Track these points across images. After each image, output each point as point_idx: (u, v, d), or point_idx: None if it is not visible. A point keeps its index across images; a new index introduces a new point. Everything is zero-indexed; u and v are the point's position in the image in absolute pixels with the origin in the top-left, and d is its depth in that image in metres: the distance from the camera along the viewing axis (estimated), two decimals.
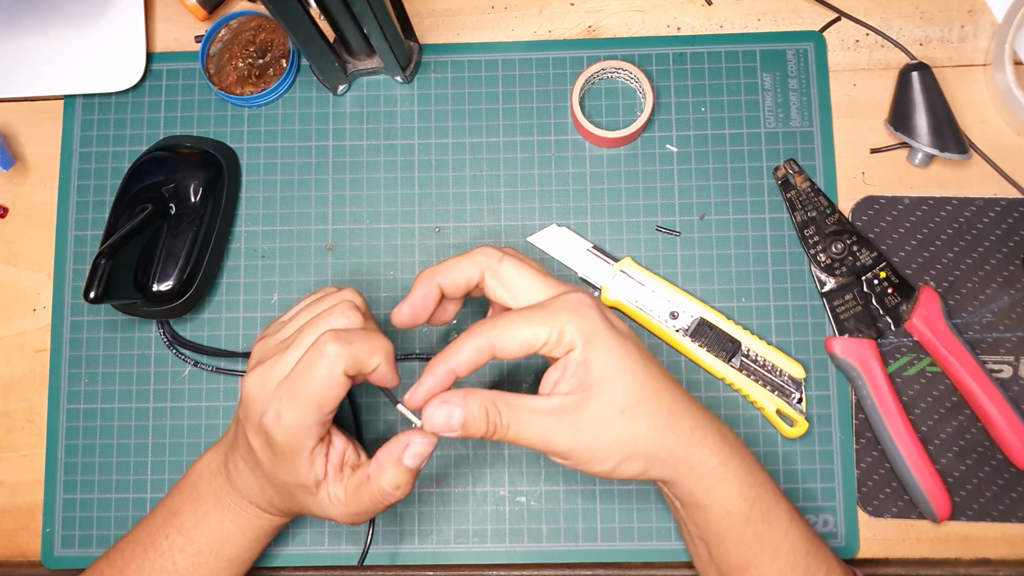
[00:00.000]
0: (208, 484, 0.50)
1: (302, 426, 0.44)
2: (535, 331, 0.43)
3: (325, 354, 0.43)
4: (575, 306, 0.44)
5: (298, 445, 0.44)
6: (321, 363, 0.43)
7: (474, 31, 0.62)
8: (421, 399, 0.44)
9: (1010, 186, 0.59)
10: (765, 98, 0.60)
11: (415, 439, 0.45)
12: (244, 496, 0.49)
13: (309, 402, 0.43)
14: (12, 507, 0.59)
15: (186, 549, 0.49)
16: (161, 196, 0.57)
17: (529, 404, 0.44)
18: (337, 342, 0.43)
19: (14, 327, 0.61)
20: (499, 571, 0.58)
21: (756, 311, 0.58)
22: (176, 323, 0.60)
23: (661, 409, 0.45)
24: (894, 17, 0.61)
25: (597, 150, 0.60)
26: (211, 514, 0.50)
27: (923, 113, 0.57)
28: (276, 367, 0.45)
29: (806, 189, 0.58)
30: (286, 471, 0.46)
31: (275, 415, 0.44)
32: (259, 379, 0.45)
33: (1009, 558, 0.56)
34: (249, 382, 0.45)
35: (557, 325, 0.43)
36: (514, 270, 0.46)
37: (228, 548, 0.50)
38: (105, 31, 0.62)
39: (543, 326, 0.43)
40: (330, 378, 0.43)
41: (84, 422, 0.59)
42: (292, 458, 0.45)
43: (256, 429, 0.45)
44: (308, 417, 0.44)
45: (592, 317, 0.44)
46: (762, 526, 0.47)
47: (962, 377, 0.55)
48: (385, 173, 0.61)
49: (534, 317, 0.43)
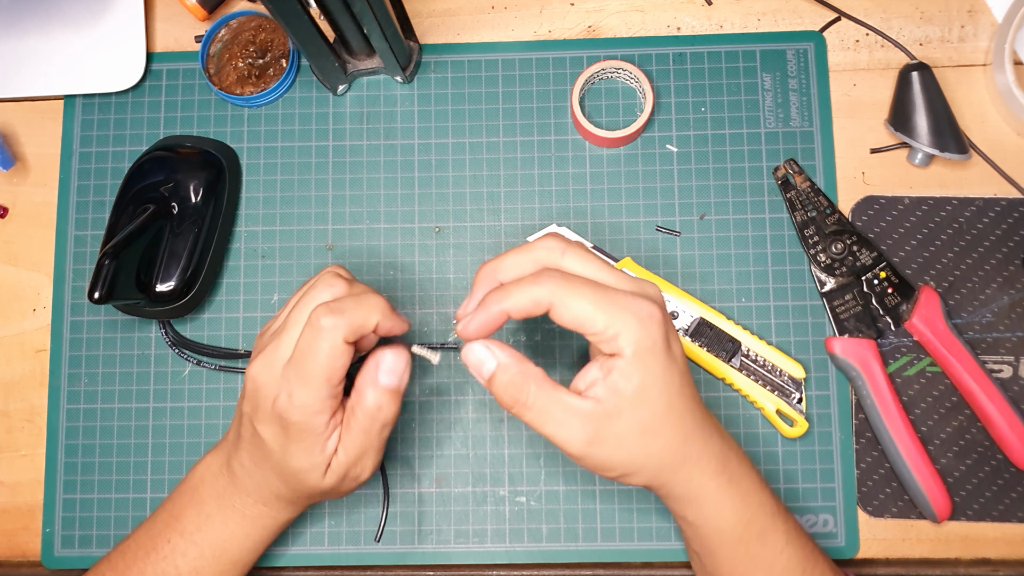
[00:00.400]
0: (210, 487, 0.50)
1: (316, 402, 0.44)
2: (594, 316, 0.42)
3: (321, 328, 0.44)
4: (644, 316, 0.42)
5: (313, 422, 0.45)
6: (320, 337, 0.44)
7: (474, 31, 0.62)
8: (473, 333, 0.44)
9: (1010, 186, 0.59)
10: (765, 98, 0.60)
11: (386, 354, 0.45)
12: (249, 494, 0.49)
13: (317, 377, 0.44)
14: (12, 507, 0.59)
15: (188, 553, 0.49)
16: (162, 196, 0.57)
17: (563, 400, 0.43)
18: (329, 313, 0.44)
19: (14, 327, 0.61)
20: (499, 571, 0.58)
21: (756, 311, 0.58)
22: (176, 323, 0.60)
23: (678, 433, 0.44)
24: (894, 17, 0.61)
25: (597, 150, 0.60)
26: (214, 516, 0.50)
27: (923, 113, 0.57)
28: (277, 352, 0.45)
29: (806, 189, 0.58)
30: (300, 454, 0.46)
31: (287, 396, 0.44)
32: (264, 366, 0.45)
33: (1009, 558, 0.56)
34: (253, 371, 0.46)
35: (616, 324, 0.42)
36: (577, 261, 0.44)
37: (231, 550, 0.50)
38: (105, 31, 0.62)
39: (603, 315, 0.42)
40: (332, 349, 0.44)
41: (84, 422, 0.59)
42: (307, 438, 0.45)
43: (268, 416, 0.46)
44: (320, 391, 0.44)
45: (654, 334, 0.42)
46: (756, 546, 0.47)
47: (962, 377, 0.55)
48: (385, 173, 0.61)
49: (600, 302, 0.42)
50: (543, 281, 0.42)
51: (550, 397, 0.43)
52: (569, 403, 0.43)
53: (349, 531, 0.57)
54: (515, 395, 0.43)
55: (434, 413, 0.58)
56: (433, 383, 0.59)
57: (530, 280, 0.43)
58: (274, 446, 0.46)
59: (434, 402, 0.58)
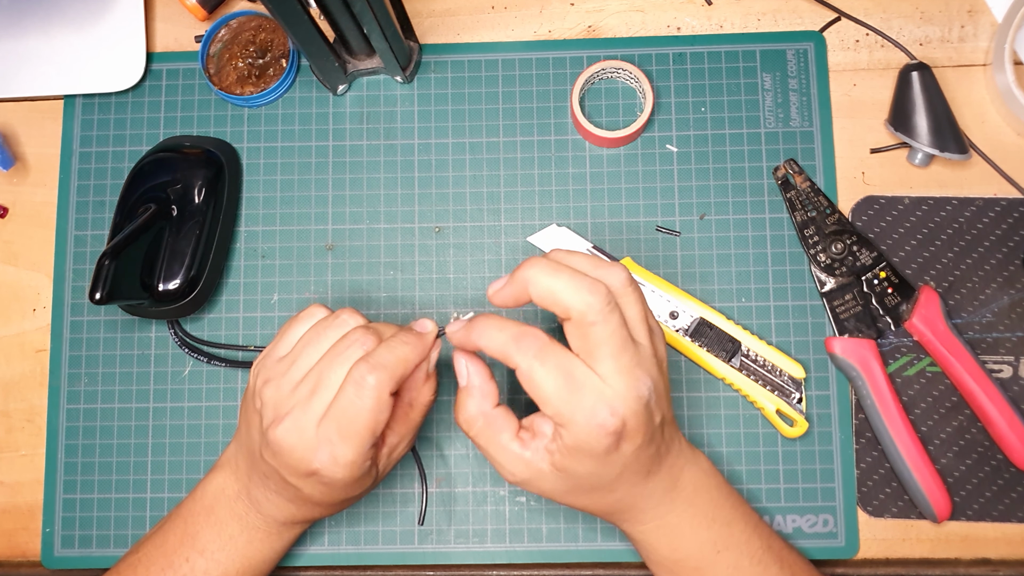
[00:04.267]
0: (229, 510, 0.50)
1: (361, 456, 0.44)
2: (554, 411, 0.43)
3: (367, 386, 0.43)
4: (594, 425, 0.42)
5: (359, 472, 0.45)
6: (368, 395, 0.43)
7: (474, 31, 0.62)
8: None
9: (1010, 186, 0.59)
10: (765, 98, 0.60)
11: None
12: (277, 519, 0.50)
13: (363, 434, 0.44)
14: (12, 507, 0.59)
15: (211, 571, 0.49)
16: (165, 196, 0.57)
17: (504, 446, 0.45)
18: (375, 371, 0.43)
19: (14, 327, 0.61)
20: (499, 571, 0.58)
21: (756, 311, 0.58)
22: None
23: (606, 498, 0.47)
24: (894, 17, 0.61)
25: (597, 150, 0.60)
26: (237, 537, 0.50)
27: (923, 113, 0.57)
28: (308, 412, 0.44)
29: (806, 189, 0.58)
30: (349, 490, 0.47)
31: (330, 457, 0.44)
32: (293, 428, 0.44)
33: (1009, 558, 0.56)
34: (281, 434, 0.44)
35: (564, 415, 0.42)
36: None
37: (255, 564, 0.51)
38: (105, 31, 0.62)
39: (561, 409, 0.43)
40: (379, 404, 0.43)
41: (84, 422, 0.59)
42: (354, 484, 0.46)
43: (304, 476, 0.45)
44: (364, 445, 0.44)
45: (595, 444, 0.43)
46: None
47: (962, 377, 0.55)
48: (385, 173, 0.61)
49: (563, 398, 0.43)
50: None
51: (495, 440, 0.45)
52: (510, 449, 0.45)
53: (349, 531, 0.57)
54: (467, 421, 0.46)
55: (434, 413, 0.58)
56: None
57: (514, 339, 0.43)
58: (315, 494, 0.46)
59: (435, 402, 0.58)
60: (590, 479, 0.45)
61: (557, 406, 0.42)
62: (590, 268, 0.45)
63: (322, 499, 0.47)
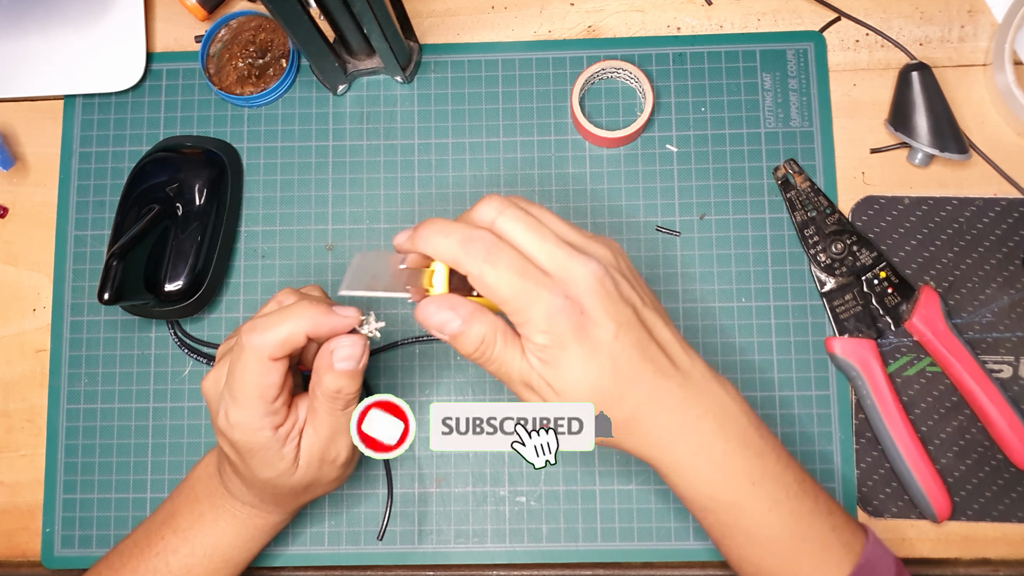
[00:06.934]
0: (205, 486, 0.51)
1: (253, 420, 0.44)
2: (503, 300, 0.41)
3: (245, 346, 0.44)
4: (553, 310, 0.41)
5: (257, 439, 0.45)
6: (245, 356, 0.44)
7: (474, 31, 0.62)
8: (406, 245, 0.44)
9: (1010, 186, 0.59)
10: (765, 98, 0.60)
11: (341, 343, 0.45)
12: (236, 496, 0.50)
13: (249, 396, 0.44)
14: (12, 507, 0.59)
15: (180, 550, 0.50)
16: (166, 196, 0.57)
17: (519, 361, 0.43)
18: (251, 332, 0.44)
19: (14, 327, 0.61)
20: (499, 571, 0.58)
21: (756, 311, 0.58)
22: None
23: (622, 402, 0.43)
24: (894, 17, 0.61)
25: (597, 150, 0.60)
26: (206, 515, 0.50)
27: (923, 113, 0.57)
28: (223, 368, 0.46)
29: (806, 189, 0.58)
30: (260, 466, 0.46)
31: (224, 415, 0.45)
32: (212, 382, 0.47)
33: (1009, 558, 0.56)
34: (204, 385, 0.47)
35: (522, 311, 0.41)
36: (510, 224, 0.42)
37: (222, 549, 0.50)
38: (105, 31, 0.62)
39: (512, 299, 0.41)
40: (259, 367, 0.43)
41: (84, 422, 0.59)
42: (258, 452, 0.45)
43: (218, 433, 0.46)
44: (254, 410, 0.44)
45: (560, 329, 0.41)
46: (726, 515, 0.45)
47: (962, 377, 0.55)
48: (385, 173, 0.61)
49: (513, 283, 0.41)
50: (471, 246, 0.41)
51: (510, 355, 0.43)
52: (524, 362, 0.43)
53: (349, 531, 0.57)
54: (480, 348, 0.43)
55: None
56: (433, 383, 0.59)
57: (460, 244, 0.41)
58: (235, 460, 0.47)
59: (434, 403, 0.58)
60: (583, 385, 0.42)
61: (515, 305, 0.41)
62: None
63: (246, 473, 0.47)
